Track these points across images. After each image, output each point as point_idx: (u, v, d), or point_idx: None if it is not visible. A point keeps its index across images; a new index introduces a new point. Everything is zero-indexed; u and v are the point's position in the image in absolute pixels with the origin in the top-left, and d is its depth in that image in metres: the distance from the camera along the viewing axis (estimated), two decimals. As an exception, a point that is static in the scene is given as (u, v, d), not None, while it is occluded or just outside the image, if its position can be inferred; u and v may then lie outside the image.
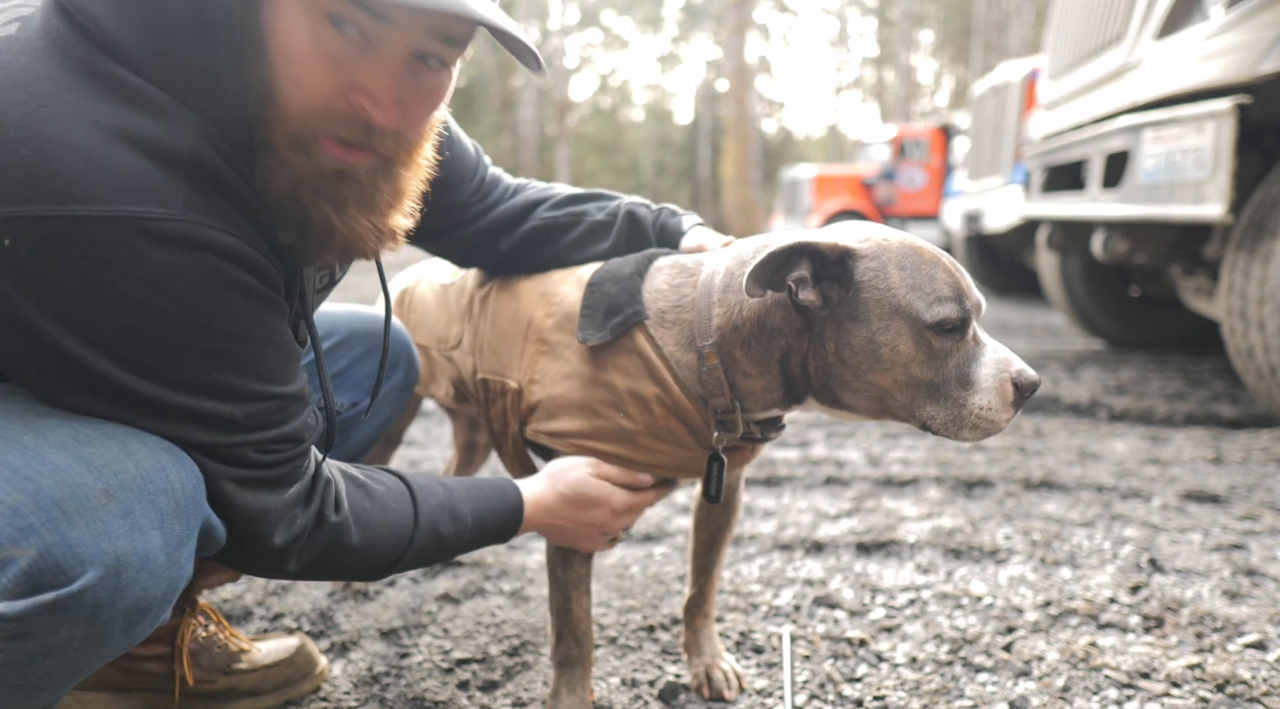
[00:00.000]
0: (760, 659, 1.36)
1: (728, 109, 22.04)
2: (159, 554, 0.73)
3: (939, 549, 1.82)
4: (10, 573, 0.66)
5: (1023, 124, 5.76)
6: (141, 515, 0.72)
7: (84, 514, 0.69)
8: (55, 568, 0.67)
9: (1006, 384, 0.93)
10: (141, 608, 0.73)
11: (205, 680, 1.19)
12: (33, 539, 0.66)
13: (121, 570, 0.70)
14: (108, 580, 0.69)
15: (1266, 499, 2.12)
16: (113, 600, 0.70)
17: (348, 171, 0.82)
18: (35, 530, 0.67)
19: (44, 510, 0.67)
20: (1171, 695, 1.23)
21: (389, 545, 0.95)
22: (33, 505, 0.67)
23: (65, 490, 0.69)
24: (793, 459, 2.53)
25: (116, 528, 0.70)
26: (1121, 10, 3.09)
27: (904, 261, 0.94)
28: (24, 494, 0.67)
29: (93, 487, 0.70)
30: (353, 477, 0.96)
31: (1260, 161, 2.65)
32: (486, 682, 1.29)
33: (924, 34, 36.43)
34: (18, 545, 0.66)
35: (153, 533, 0.72)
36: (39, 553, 0.66)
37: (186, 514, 0.76)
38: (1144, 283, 4.26)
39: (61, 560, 0.67)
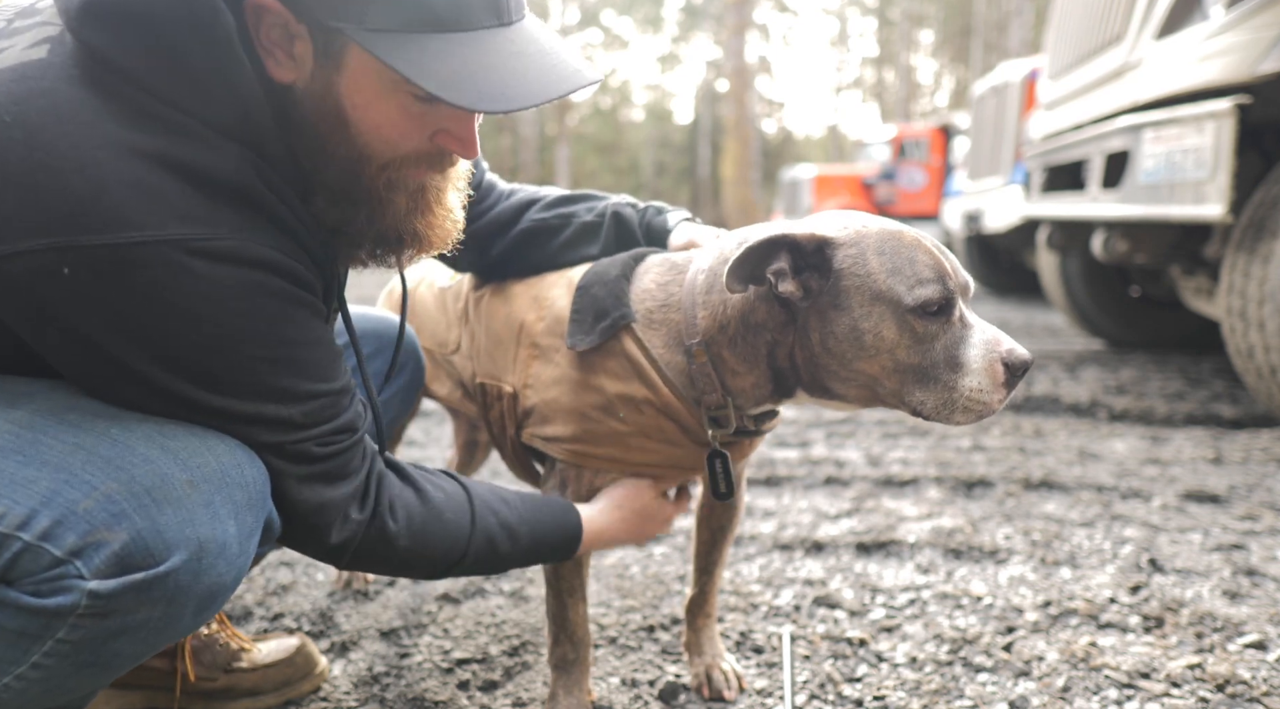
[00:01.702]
0: (760, 659, 1.36)
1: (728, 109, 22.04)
2: (234, 542, 0.78)
3: (939, 549, 1.82)
4: (103, 554, 0.70)
5: (1023, 124, 5.76)
6: (221, 506, 0.77)
7: (171, 502, 0.74)
8: (145, 551, 0.72)
9: (996, 364, 0.91)
10: (214, 592, 0.78)
11: (206, 678, 1.19)
12: (125, 524, 0.71)
13: (203, 556, 0.75)
14: (190, 564, 0.74)
15: (1266, 499, 2.12)
16: (192, 584, 0.75)
17: (426, 186, 0.91)
18: (127, 516, 0.72)
19: (135, 497, 0.73)
20: (1171, 695, 1.23)
21: (440, 554, 0.97)
22: (125, 492, 0.72)
23: (155, 479, 0.74)
24: (793, 459, 2.53)
25: (200, 516, 0.75)
26: (1121, 10, 3.09)
27: (883, 247, 0.93)
28: (117, 482, 0.72)
29: (179, 477, 0.75)
30: (413, 480, 0.98)
31: (1260, 161, 2.65)
32: (486, 682, 1.29)
33: (924, 34, 36.42)
34: (111, 529, 0.71)
35: (229, 522, 0.78)
36: (130, 537, 0.71)
37: (257, 507, 0.81)
38: (1144, 283, 4.26)
39: (151, 544, 0.72)
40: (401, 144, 0.85)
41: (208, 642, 1.21)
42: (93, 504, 0.71)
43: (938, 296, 0.91)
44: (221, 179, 0.77)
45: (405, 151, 0.86)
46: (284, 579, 1.69)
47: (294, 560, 1.79)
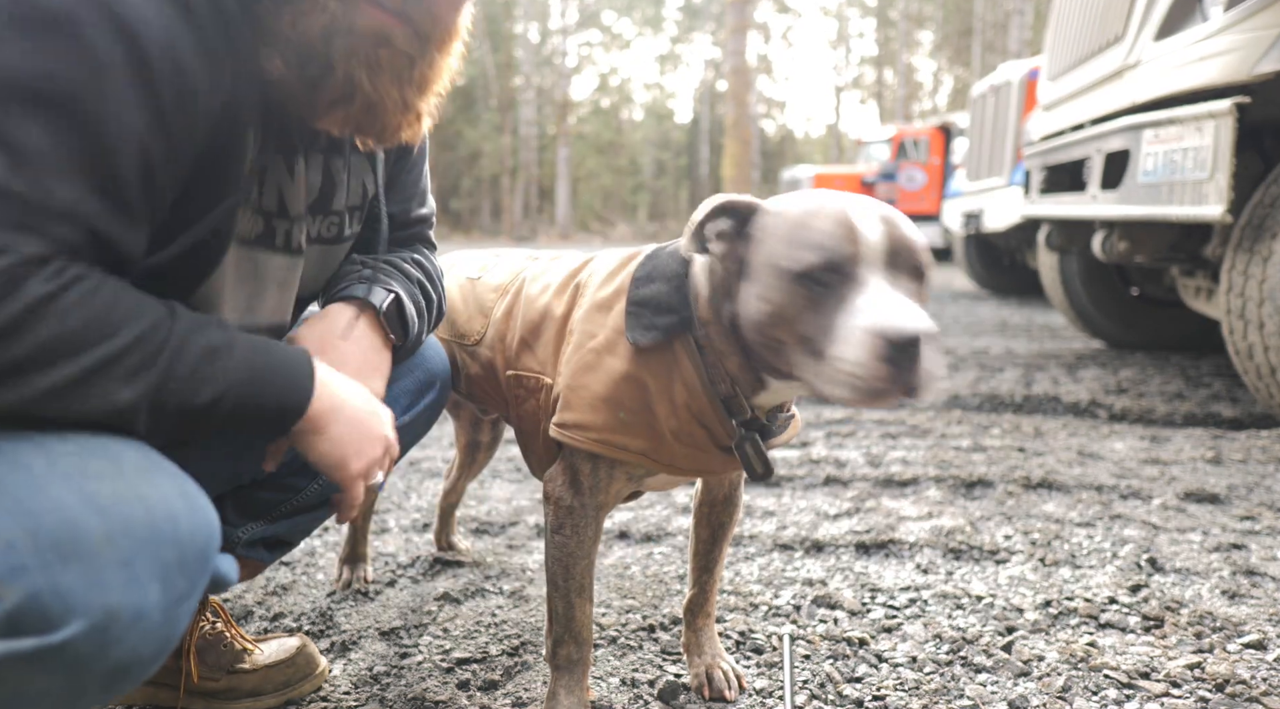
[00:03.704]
0: (760, 659, 1.36)
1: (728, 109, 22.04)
2: (155, 611, 0.67)
3: (939, 549, 1.82)
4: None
5: (1022, 124, 5.77)
6: (142, 566, 0.66)
7: (80, 559, 0.63)
8: (40, 614, 0.62)
9: (873, 335, 0.81)
10: (125, 667, 0.66)
11: (208, 678, 1.20)
12: (23, 580, 0.61)
13: (110, 625, 0.64)
14: (93, 635, 0.63)
15: (1266, 499, 2.12)
16: (96, 656, 0.64)
17: (386, 35, 0.83)
18: (27, 570, 0.62)
19: (39, 551, 0.62)
20: (1171, 695, 1.24)
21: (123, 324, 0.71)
22: (30, 543, 0.62)
23: (65, 530, 0.63)
24: (793, 459, 2.53)
25: (113, 578, 0.64)
26: (1121, 11, 3.09)
27: (802, 216, 0.91)
28: (22, 530, 0.63)
29: (95, 529, 0.64)
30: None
31: (1260, 161, 2.65)
32: (486, 682, 1.29)
33: (924, 34, 36.42)
34: (6, 584, 0.61)
35: (151, 586, 0.66)
36: (27, 595, 0.61)
37: (191, 569, 0.70)
38: (1144, 283, 4.26)
39: (49, 607, 0.62)
40: None
41: (213, 641, 1.21)
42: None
43: (820, 262, 0.87)
44: None
45: None
46: (284, 579, 1.69)
47: (294, 560, 1.79)
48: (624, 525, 1.98)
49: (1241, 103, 2.37)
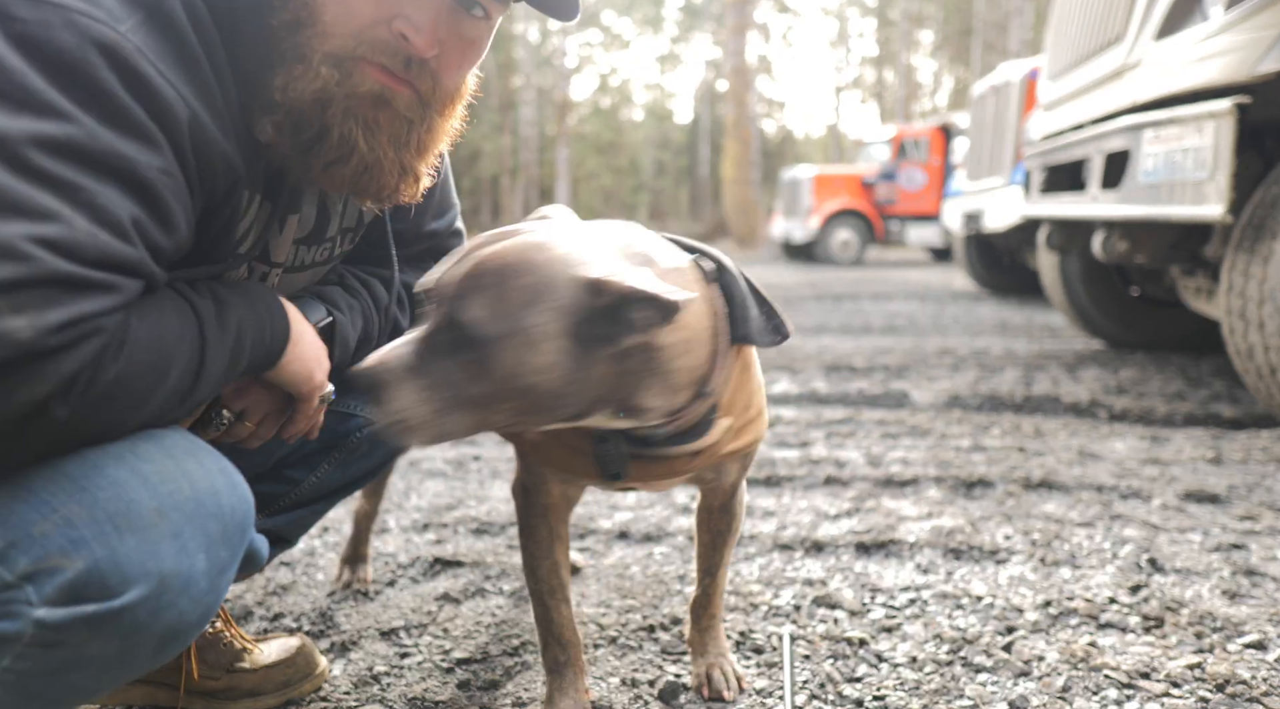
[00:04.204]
0: (760, 659, 1.36)
1: (728, 109, 22.02)
2: (201, 579, 0.73)
3: (939, 549, 1.82)
4: (56, 582, 0.66)
5: (1023, 124, 5.76)
6: (191, 538, 0.72)
7: (135, 531, 0.69)
8: (100, 582, 0.67)
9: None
10: (176, 631, 0.72)
11: (208, 677, 1.19)
12: (83, 551, 0.67)
13: (164, 592, 0.70)
14: (149, 600, 0.69)
15: (1266, 499, 2.12)
16: (150, 621, 0.70)
17: (386, 98, 0.84)
18: (86, 543, 0.67)
19: (97, 524, 0.68)
20: (1171, 695, 1.23)
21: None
22: (87, 517, 0.68)
23: (120, 505, 0.69)
24: (793, 459, 2.53)
25: (165, 548, 0.70)
26: (1121, 10, 3.09)
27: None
28: (80, 506, 0.68)
29: (147, 504, 0.70)
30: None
31: (1260, 161, 2.65)
32: (486, 682, 1.29)
33: (924, 34, 36.41)
34: (68, 556, 0.66)
35: (199, 557, 0.72)
36: (87, 566, 0.66)
37: (233, 540, 0.76)
38: (1144, 283, 4.26)
39: (108, 575, 0.67)
40: (356, 7, 0.80)
41: (213, 640, 1.21)
42: (50, 527, 0.67)
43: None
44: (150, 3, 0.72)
45: (358, 23, 0.81)
46: (284, 579, 1.69)
47: (294, 560, 1.79)
48: (624, 525, 1.98)
49: (1242, 103, 2.37)
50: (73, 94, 0.67)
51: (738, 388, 1.06)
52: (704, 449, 1.05)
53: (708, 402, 1.00)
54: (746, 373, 1.08)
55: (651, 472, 1.07)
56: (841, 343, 4.93)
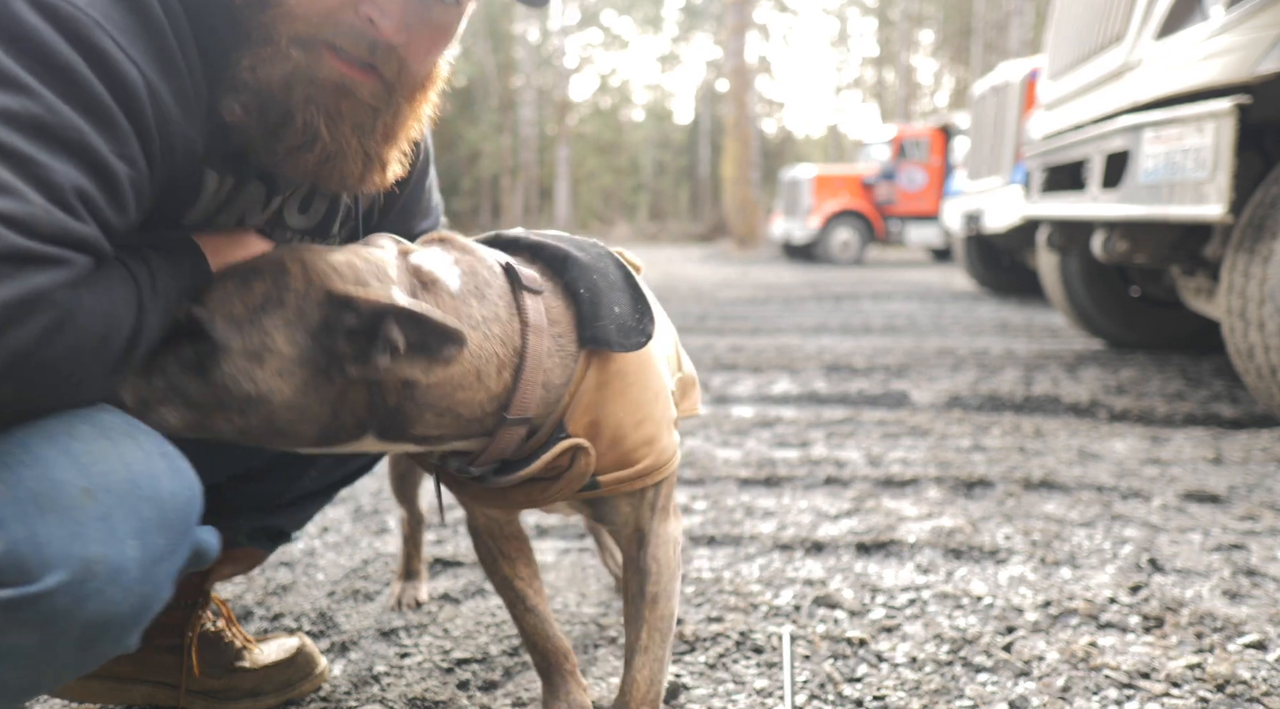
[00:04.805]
0: (760, 659, 1.36)
1: (728, 109, 22.02)
2: (133, 566, 0.67)
3: (939, 549, 1.82)
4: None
5: (1023, 124, 5.76)
6: (121, 522, 0.67)
7: (59, 512, 0.64)
8: (17, 565, 0.62)
9: None
10: (103, 623, 0.66)
11: (208, 675, 1.19)
12: (1, 531, 0.62)
13: (87, 578, 0.64)
14: (70, 587, 0.64)
15: (1266, 499, 2.12)
16: (73, 609, 0.64)
17: (348, 87, 0.82)
18: (4, 522, 0.63)
19: (18, 503, 0.63)
20: (1171, 695, 1.23)
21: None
22: (8, 496, 0.63)
23: (44, 484, 0.65)
24: (793, 459, 2.53)
25: (92, 531, 0.65)
26: (1121, 10, 3.09)
27: None
28: (2, 484, 0.64)
29: (74, 483, 0.65)
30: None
31: (1260, 161, 2.65)
32: (486, 682, 1.29)
33: (924, 34, 36.41)
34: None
35: (130, 542, 0.67)
36: (4, 547, 0.62)
37: (173, 528, 0.70)
38: (1144, 283, 4.26)
39: (26, 558, 0.62)
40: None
41: (214, 638, 1.21)
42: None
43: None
44: None
45: (323, 5, 0.79)
46: (284, 579, 1.69)
47: (294, 560, 1.79)
48: (624, 525, 1.98)
49: (1242, 103, 2.37)
50: (32, 69, 0.66)
51: (601, 405, 0.90)
52: (542, 481, 0.91)
53: (519, 427, 0.87)
54: (618, 387, 0.91)
55: (492, 501, 0.96)
56: (841, 343, 4.93)
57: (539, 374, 0.86)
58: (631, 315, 0.91)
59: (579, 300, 0.90)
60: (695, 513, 2.07)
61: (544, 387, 0.87)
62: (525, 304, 0.87)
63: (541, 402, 0.87)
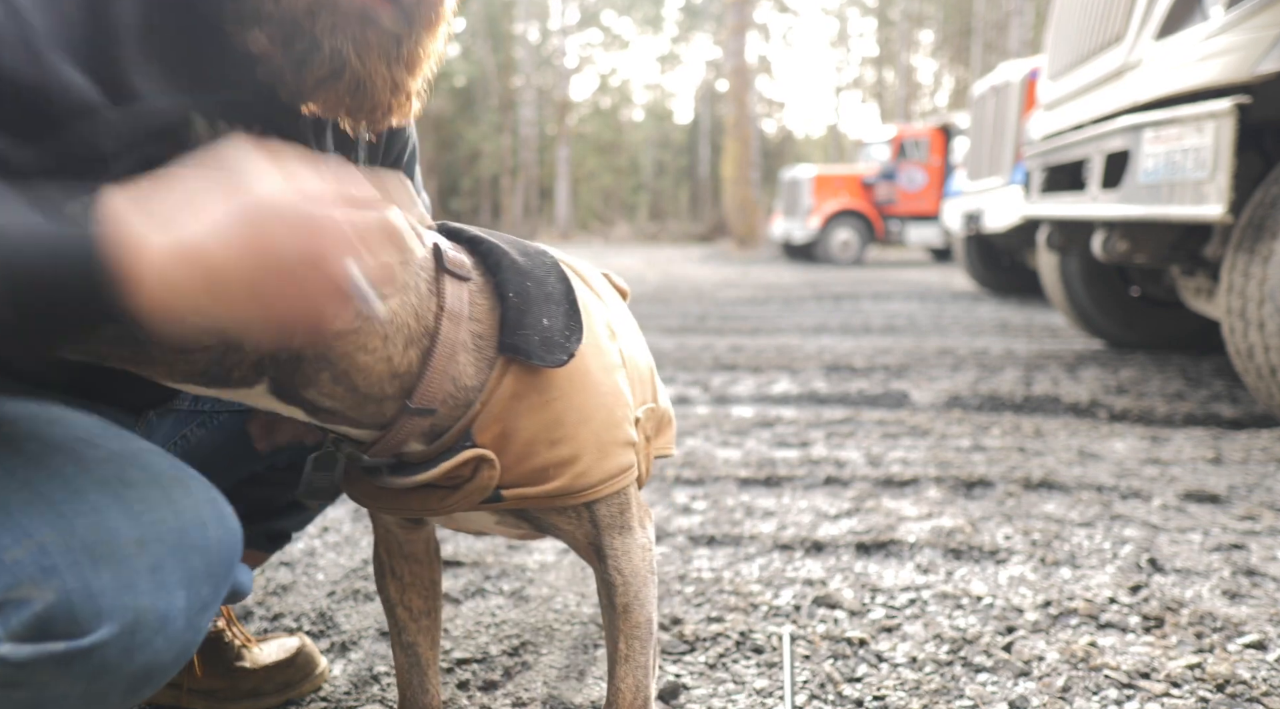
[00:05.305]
0: (760, 659, 1.36)
1: (728, 109, 22.02)
2: (179, 617, 0.67)
3: (939, 549, 1.82)
4: (23, 614, 0.61)
5: (1023, 124, 5.77)
6: (171, 572, 0.67)
7: (112, 562, 0.64)
8: (70, 617, 0.62)
9: None
10: (148, 673, 0.67)
11: (209, 675, 1.19)
12: (54, 581, 0.62)
13: (138, 630, 0.64)
14: (121, 639, 0.64)
15: (1266, 499, 2.12)
16: (121, 661, 0.64)
17: (371, 14, 0.81)
18: (59, 572, 0.62)
19: (71, 552, 0.63)
20: (1171, 695, 1.23)
21: None
22: (61, 545, 0.63)
23: (97, 533, 0.64)
24: (793, 459, 2.53)
25: (142, 582, 0.65)
26: (1121, 10, 3.09)
27: None
28: (56, 532, 0.63)
29: (126, 533, 0.65)
30: None
31: (1260, 161, 2.65)
32: (486, 682, 1.29)
33: (924, 34, 36.42)
34: (38, 585, 0.62)
35: (178, 593, 0.67)
36: (58, 597, 0.62)
37: (216, 576, 0.71)
38: (1144, 283, 4.26)
39: (79, 610, 0.62)
40: None
41: (214, 639, 1.21)
42: (23, 554, 0.62)
43: None
44: None
45: None
46: (284, 579, 1.69)
47: (294, 560, 1.79)
48: (624, 525, 1.98)
49: (1242, 103, 2.37)
50: None
51: (513, 417, 0.84)
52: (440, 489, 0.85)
53: (421, 420, 0.81)
54: (536, 402, 0.85)
55: (387, 503, 0.89)
56: (841, 343, 4.93)
57: (449, 365, 0.81)
58: (560, 331, 0.85)
59: (506, 304, 0.84)
60: (695, 513, 2.07)
61: (454, 382, 0.81)
62: (445, 287, 0.82)
63: (449, 399, 0.82)
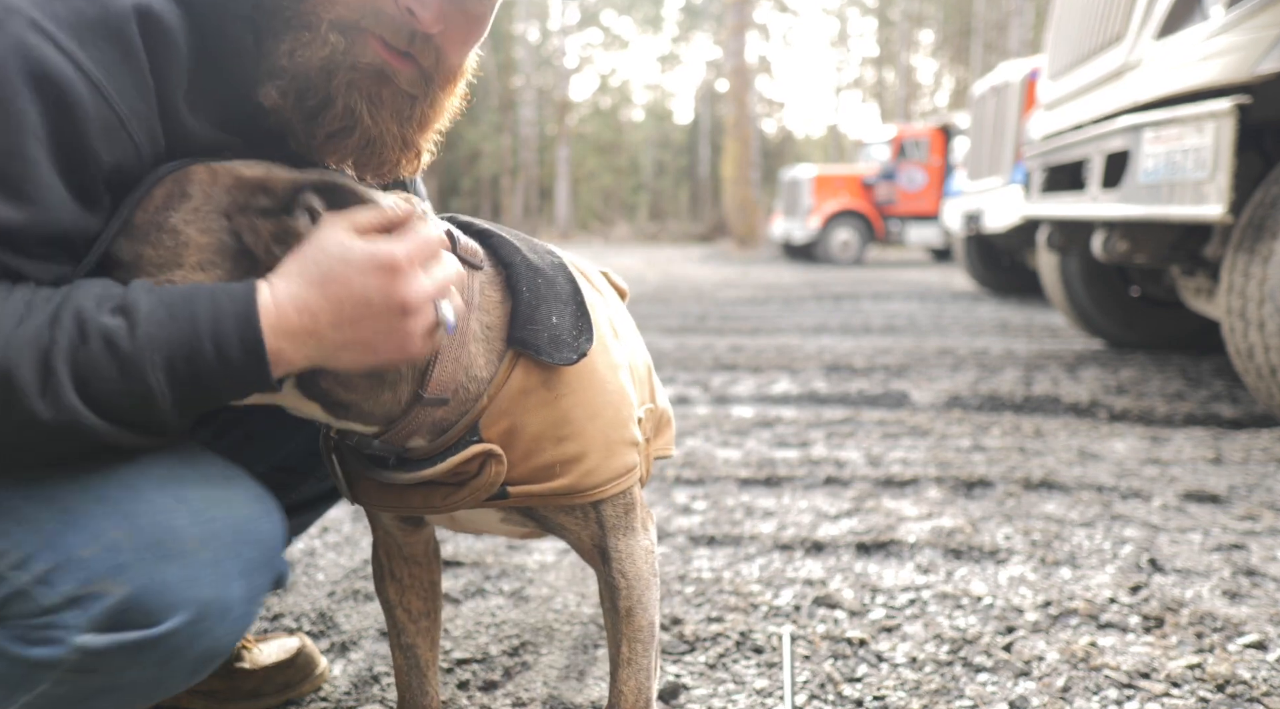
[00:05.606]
0: (760, 659, 1.36)
1: (728, 109, 22.03)
2: (237, 605, 0.73)
3: (939, 549, 1.82)
4: (99, 607, 0.66)
5: (1023, 124, 5.77)
6: (230, 564, 0.72)
7: (177, 558, 0.69)
8: (143, 609, 0.67)
9: None
10: (209, 658, 0.73)
11: (209, 676, 1.19)
12: (126, 577, 0.67)
13: (203, 619, 0.70)
14: (188, 628, 0.69)
15: (1266, 499, 2.12)
16: (187, 648, 0.70)
17: (388, 74, 0.83)
18: (129, 568, 0.67)
19: (140, 550, 0.68)
20: (1171, 695, 1.23)
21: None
22: (130, 543, 0.68)
23: (163, 531, 0.69)
24: (793, 459, 2.53)
25: (205, 575, 0.70)
26: (1121, 10, 3.09)
27: None
28: (123, 531, 0.68)
29: (188, 531, 0.70)
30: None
31: (1260, 161, 2.65)
32: (486, 682, 1.29)
33: (924, 34, 36.43)
34: (112, 581, 0.66)
35: (236, 583, 0.72)
36: (131, 591, 0.67)
37: (268, 567, 0.76)
38: (1144, 283, 4.26)
39: (150, 602, 0.67)
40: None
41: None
42: (95, 552, 0.67)
43: None
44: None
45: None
46: (284, 579, 1.69)
47: (294, 560, 1.79)
48: (624, 525, 1.98)
49: (1242, 103, 2.37)
50: None
51: (521, 413, 0.83)
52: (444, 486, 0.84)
53: (433, 411, 0.80)
54: (544, 398, 0.84)
55: (388, 500, 0.88)
56: (841, 343, 4.93)
57: (460, 353, 0.80)
58: (569, 330, 0.85)
59: (518, 298, 0.84)
60: (695, 513, 2.07)
61: (465, 372, 0.81)
62: (470, 280, 0.83)
63: (460, 389, 0.81)
